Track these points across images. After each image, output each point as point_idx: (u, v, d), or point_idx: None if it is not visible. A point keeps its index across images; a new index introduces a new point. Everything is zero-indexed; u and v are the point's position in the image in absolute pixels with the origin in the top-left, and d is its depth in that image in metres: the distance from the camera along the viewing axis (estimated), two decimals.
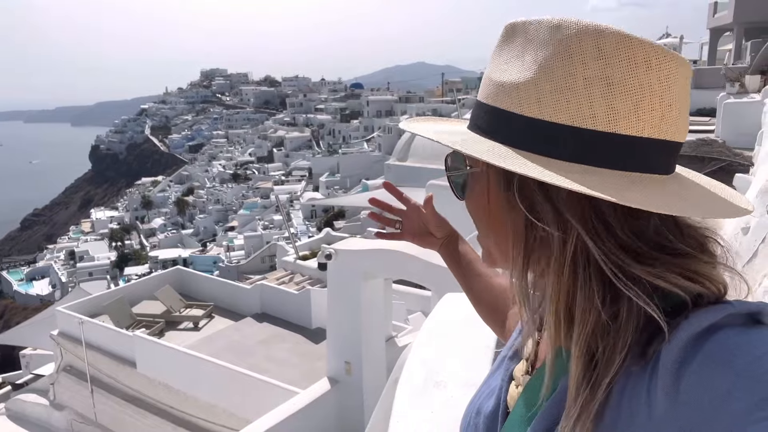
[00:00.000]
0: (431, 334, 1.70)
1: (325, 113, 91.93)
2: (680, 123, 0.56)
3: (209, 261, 43.56)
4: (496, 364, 0.78)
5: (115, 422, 11.50)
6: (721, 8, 22.18)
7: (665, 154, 0.56)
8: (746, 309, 0.48)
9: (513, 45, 0.60)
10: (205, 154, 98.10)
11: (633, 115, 0.53)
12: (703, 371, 0.45)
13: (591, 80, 0.53)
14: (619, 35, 0.53)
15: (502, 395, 0.70)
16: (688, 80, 0.56)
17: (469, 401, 0.78)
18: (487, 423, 0.70)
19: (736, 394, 0.43)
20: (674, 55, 0.54)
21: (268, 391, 8.56)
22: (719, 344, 0.46)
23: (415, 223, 1.08)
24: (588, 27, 0.54)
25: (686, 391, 0.45)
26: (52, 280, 56.79)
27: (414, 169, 12.72)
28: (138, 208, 78.68)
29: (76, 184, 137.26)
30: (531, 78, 0.56)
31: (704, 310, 0.49)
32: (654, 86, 0.53)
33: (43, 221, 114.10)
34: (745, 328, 0.47)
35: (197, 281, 14.74)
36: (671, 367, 0.47)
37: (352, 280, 5.93)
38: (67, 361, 12.52)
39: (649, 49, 0.53)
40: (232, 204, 65.46)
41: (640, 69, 0.52)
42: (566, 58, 0.54)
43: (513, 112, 0.57)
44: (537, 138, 0.55)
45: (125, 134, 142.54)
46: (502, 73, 0.59)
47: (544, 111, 0.54)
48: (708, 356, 0.46)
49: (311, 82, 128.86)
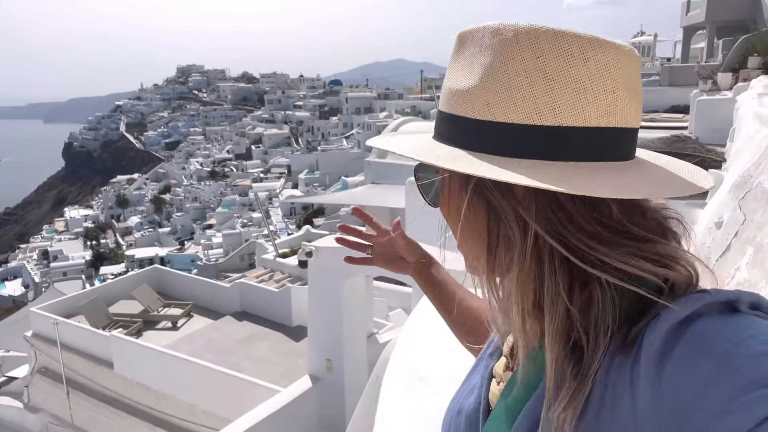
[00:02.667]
0: (415, 330, 1.70)
1: (304, 110, 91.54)
2: (630, 109, 0.57)
3: (187, 260, 43.09)
4: (476, 362, 0.79)
5: (91, 424, 11.32)
6: (694, 7, 22.58)
7: (618, 140, 0.57)
8: (724, 297, 0.49)
9: (464, 53, 0.62)
10: (182, 152, 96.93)
11: (576, 107, 0.54)
12: (684, 360, 0.46)
13: (531, 78, 0.55)
14: (553, 32, 0.55)
15: (482, 393, 0.70)
16: (634, 66, 0.58)
17: (450, 400, 0.78)
18: (469, 421, 0.70)
19: (716, 381, 0.44)
20: (611, 44, 0.55)
21: (249, 390, 8.51)
22: (699, 333, 0.47)
23: (385, 248, 1.08)
24: (524, 28, 0.56)
25: (668, 380, 0.46)
26: (24, 280, 55.57)
27: (393, 166, 12.70)
28: (113, 206, 77.44)
29: (48, 182, 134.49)
30: (478, 83, 0.58)
31: (684, 300, 0.50)
32: (593, 76, 0.54)
33: (15, 220, 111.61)
34: (724, 316, 0.48)
35: (175, 280, 14.57)
36: (653, 356, 0.48)
37: (333, 277, 5.92)
38: (42, 362, 12.29)
39: (584, 41, 0.55)
40: (210, 202, 64.85)
41: (576, 61, 0.54)
42: (507, 59, 0.56)
43: (466, 117, 0.59)
44: (490, 139, 0.57)
45: (99, 131, 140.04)
46: (455, 81, 0.62)
47: (494, 112, 0.57)
48: (688, 345, 0.47)
49: (289, 79, 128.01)
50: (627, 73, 0.56)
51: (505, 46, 0.56)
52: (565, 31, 0.55)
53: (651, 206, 0.58)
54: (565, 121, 0.55)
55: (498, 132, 0.57)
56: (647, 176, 0.58)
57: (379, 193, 12.72)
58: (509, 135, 0.56)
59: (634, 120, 0.58)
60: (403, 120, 14.42)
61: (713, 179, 0.59)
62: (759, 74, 10.37)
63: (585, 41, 0.54)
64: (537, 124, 0.55)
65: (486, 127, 0.57)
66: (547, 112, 0.55)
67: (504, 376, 0.69)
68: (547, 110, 0.55)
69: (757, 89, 7.12)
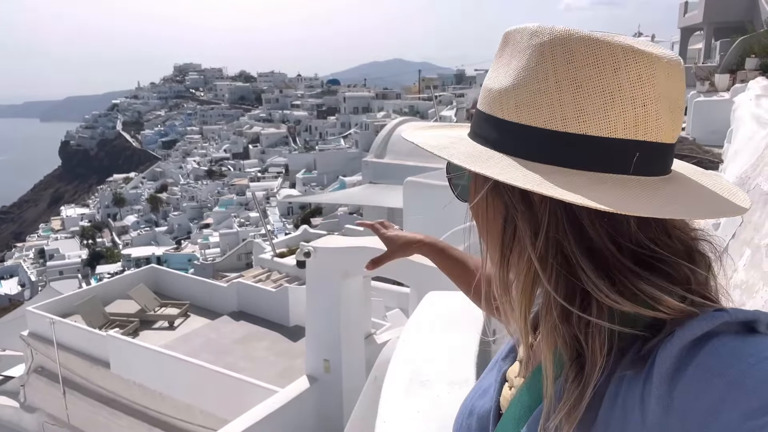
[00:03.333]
0: (415, 333, 1.70)
1: (302, 109, 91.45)
2: (663, 123, 0.55)
3: (184, 259, 42.98)
4: (491, 365, 0.78)
5: (88, 424, 11.29)
6: (692, 8, 22.64)
7: (648, 155, 0.55)
8: (742, 317, 0.48)
9: (505, 53, 0.62)
10: (179, 151, 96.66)
11: (602, 117, 0.53)
12: (697, 379, 0.45)
13: (561, 84, 0.54)
14: (588, 39, 0.54)
15: (494, 396, 0.70)
16: (675, 78, 0.55)
17: (463, 401, 0.78)
18: (480, 423, 0.70)
19: (728, 402, 0.43)
20: (648, 55, 0.54)
21: (246, 390, 8.49)
22: (713, 352, 0.46)
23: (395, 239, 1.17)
24: (559, 32, 0.55)
25: (680, 399, 0.45)
26: (21, 279, 55.41)
27: (391, 166, 12.71)
28: (110, 205, 77.23)
29: (45, 180, 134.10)
30: (511, 84, 0.58)
31: (699, 318, 0.49)
32: (624, 87, 0.53)
33: (11, 219, 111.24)
34: (740, 336, 0.47)
35: (172, 280, 14.53)
36: (665, 374, 0.47)
37: (330, 277, 5.91)
38: (38, 362, 12.24)
39: (617, 50, 0.53)
40: (207, 201, 64.71)
41: (607, 71, 0.53)
42: (540, 63, 0.56)
43: (497, 117, 0.59)
44: (515, 141, 0.57)
45: (96, 130, 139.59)
46: (493, 80, 0.61)
47: (521, 115, 0.57)
48: (702, 364, 0.46)
49: (287, 78, 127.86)
50: (665, 86, 0.54)
51: (539, 49, 0.56)
52: (599, 38, 0.54)
53: (677, 225, 0.56)
54: (589, 130, 0.54)
55: (523, 135, 0.57)
56: (682, 194, 0.56)
57: (376, 192, 12.73)
58: (532, 138, 0.56)
59: (668, 135, 0.56)
60: (401, 120, 14.43)
61: (750, 201, 0.57)
62: (756, 75, 10.40)
63: (619, 50, 0.53)
64: (560, 131, 0.54)
65: (512, 129, 0.57)
66: (572, 120, 0.54)
67: (516, 382, 0.68)
68: (572, 118, 0.54)
69: (754, 90, 7.15)
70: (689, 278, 0.54)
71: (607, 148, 0.54)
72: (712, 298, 0.54)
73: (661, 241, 0.54)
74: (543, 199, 0.55)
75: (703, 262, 0.56)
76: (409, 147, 13.36)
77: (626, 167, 0.55)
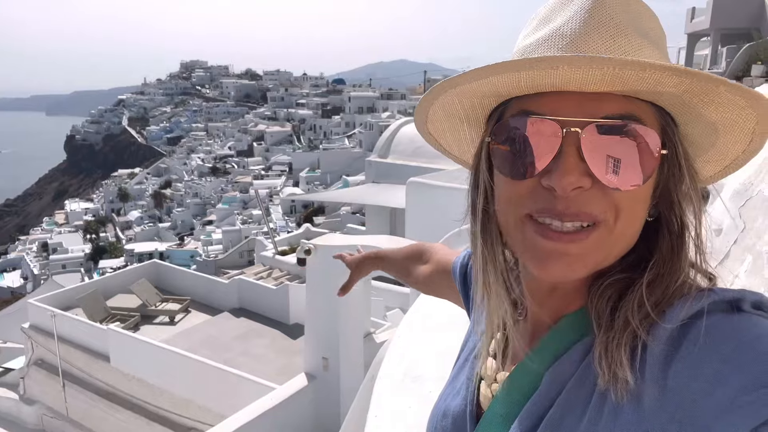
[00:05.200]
0: (410, 330, 1.70)
1: (307, 108, 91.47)
2: None
3: (186, 255, 43.01)
4: (459, 365, 0.77)
5: (87, 417, 11.32)
6: (699, 14, 22.57)
7: None
8: (729, 296, 0.49)
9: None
10: (184, 147, 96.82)
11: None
12: (691, 358, 0.46)
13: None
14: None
15: (468, 395, 0.69)
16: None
17: (434, 404, 0.76)
18: (456, 424, 0.69)
19: (722, 379, 0.44)
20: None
21: (245, 387, 8.51)
22: (704, 331, 0.47)
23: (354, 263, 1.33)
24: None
25: (674, 378, 0.46)
26: (23, 272, 55.58)
27: (395, 166, 12.71)
28: (114, 200, 77.39)
29: (50, 174, 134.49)
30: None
31: (689, 297, 0.50)
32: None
33: (15, 212, 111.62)
34: (729, 315, 0.48)
35: (174, 275, 14.57)
36: (659, 354, 0.48)
37: (331, 275, 5.91)
38: (38, 354, 12.28)
39: None
40: (211, 198, 64.78)
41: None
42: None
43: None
44: None
45: (102, 125, 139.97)
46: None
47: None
48: (694, 343, 0.47)
49: (293, 77, 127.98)
50: None
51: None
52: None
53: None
54: None
55: None
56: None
57: (379, 192, 12.73)
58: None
59: None
60: (405, 120, 14.42)
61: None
62: (762, 82, 10.37)
63: None
64: None
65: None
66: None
67: (499, 377, 0.67)
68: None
69: None
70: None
71: None
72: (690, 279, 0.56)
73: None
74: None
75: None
76: (413, 147, 13.34)
77: None
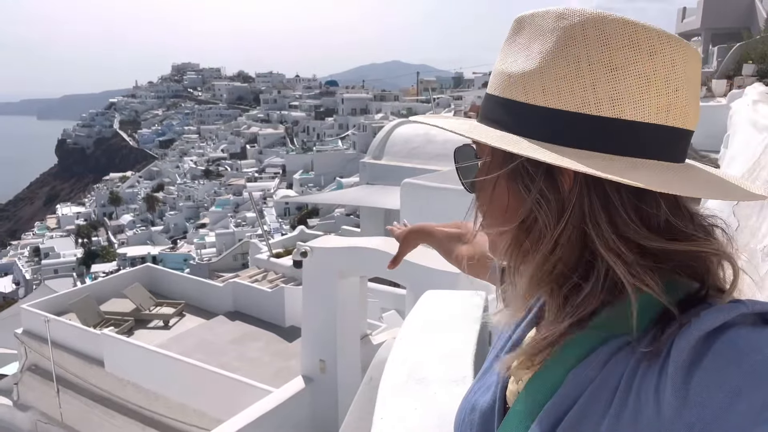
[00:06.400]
0: (412, 331, 1.70)
1: (300, 110, 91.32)
2: (689, 110, 0.56)
3: (180, 258, 42.83)
4: (491, 359, 0.77)
5: (81, 422, 11.24)
6: (689, 14, 22.74)
7: (674, 141, 0.56)
8: (759, 309, 0.48)
9: (521, 36, 0.60)
10: (176, 150, 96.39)
11: (638, 101, 0.53)
12: (713, 370, 0.45)
13: (595, 67, 0.53)
14: (623, 21, 0.53)
15: (498, 391, 0.69)
16: (697, 67, 0.56)
17: (464, 398, 0.77)
18: (483, 419, 0.69)
19: (745, 393, 0.43)
20: (680, 41, 0.54)
21: (241, 390, 8.47)
22: (730, 343, 0.46)
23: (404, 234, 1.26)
24: (591, 14, 0.54)
25: (696, 390, 0.45)
26: (15, 277, 55.14)
27: (389, 167, 12.72)
28: (106, 204, 76.93)
29: (41, 178, 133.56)
30: (536, 67, 0.56)
31: (716, 308, 0.49)
32: (659, 72, 0.53)
33: (6, 216, 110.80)
34: (757, 328, 0.47)
35: (168, 279, 14.50)
36: (681, 365, 0.47)
37: (327, 277, 5.91)
38: (32, 360, 12.20)
39: (653, 34, 0.53)
40: (204, 201, 64.53)
41: (644, 54, 0.53)
42: (570, 45, 0.54)
43: (520, 102, 0.57)
44: (543, 125, 0.56)
45: (93, 128, 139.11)
46: (510, 64, 0.59)
47: (549, 99, 0.55)
48: (718, 355, 0.46)
49: (285, 79, 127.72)
50: (691, 73, 0.55)
51: (568, 32, 0.54)
52: (635, 21, 0.53)
53: (697, 211, 0.57)
54: (623, 115, 0.53)
55: (551, 119, 0.55)
56: (706, 179, 0.57)
57: (373, 193, 12.73)
58: (562, 122, 0.54)
59: (692, 121, 0.56)
60: (399, 122, 14.43)
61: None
62: (753, 81, 10.45)
63: (654, 34, 0.53)
64: (594, 114, 0.53)
65: (538, 113, 0.56)
66: (606, 104, 0.53)
67: (524, 376, 0.66)
68: (607, 101, 0.53)
69: (751, 96, 7.17)
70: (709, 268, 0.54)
71: (640, 132, 0.54)
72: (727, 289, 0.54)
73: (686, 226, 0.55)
74: (573, 186, 0.54)
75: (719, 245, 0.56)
76: (407, 149, 13.37)
77: (658, 152, 0.55)
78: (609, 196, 0.53)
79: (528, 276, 0.60)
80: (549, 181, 0.56)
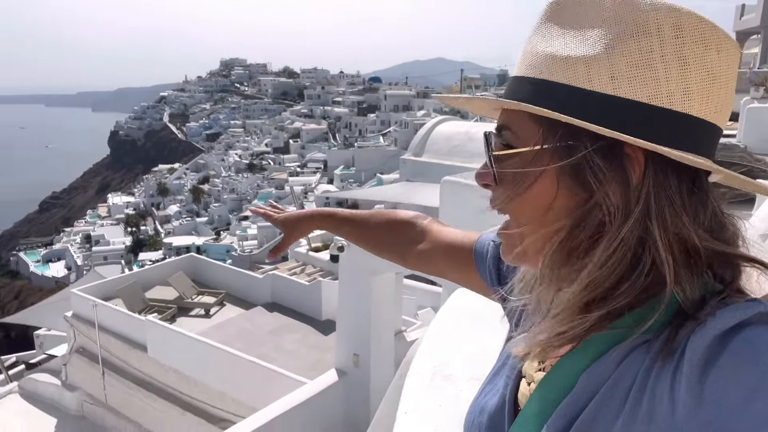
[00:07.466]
0: (440, 328, 1.69)
1: (343, 106, 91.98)
2: (729, 111, 0.56)
3: (222, 249, 43.89)
4: (501, 361, 0.76)
5: (124, 405, 11.66)
6: (749, 11, 21.81)
7: (717, 141, 0.56)
8: None
9: (569, 16, 0.57)
10: (222, 143, 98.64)
11: (705, 97, 0.53)
12: (729, 368, 0.45)
13: (667, 58, 0.52)
14: (696, 16, 0.53)
15: (507, 393, 0.68)
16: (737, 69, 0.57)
17: (473, 400, 0.76)
18: (493, 421, 0.68)
19: (761, 392, 0.42)
20: (734, 41, 0.54)
21: (276, 381, 8.62)
22: (747, 342, 0.45)
23: (287, 219, 1.20)
24: (663, 3, 0.53)
25: (711, 389, 0.45)
26: (67, 262, 57.65)
27: (429, 165, 12.67)
28: (154, 194, 79.43)
29: (94, 168, 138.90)
30: (601, 53, 0.54)
31: (733, 307, 0.48)
32: (723, 70, 0.53)
33: (61, 204, 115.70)
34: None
35: (210, 269, 14.86)
36: (697, 364, 0.46)
37: (363, 273, 5.94)
38: (80, 342, 12.70)
39: (720, 32, 0.53)
40: (247, 194, 65.83)
41: (712, 51, 0.52)
42: (642, 33, 0.52)
43: (577, 87, 0.54)
44: (606, 114, 0.53)
45: (144, 121, 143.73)
46: (560, 47, 0.56)
47: (619, 88, 0.53)
48: (735, 354, 0.45)
49: (329, 75, 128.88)
50: (736, 74, 0.55)
51: (642, 20, 0.53)
52: (704, 17, 0.53)
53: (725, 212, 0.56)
54: (692, 110, 0.53)
55: (617, 107, 0.53)
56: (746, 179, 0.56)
57: (412, 190, 12.71)
58: (629, 112, 0.52)
59: (725, 122, 0.56)
60: (441, 119, 14.35)
61: None
62: None
63: (720, 32, 0.53)
64: (666, 107, 0.52)
65: (604, 101, 0.53)
66: (678, 97, 0.52)
67: (536, 376, 0.65)
68: (679, 95, 0.52)
69: None
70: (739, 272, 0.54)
71: (700, 128, 0.54)
72: (746, 290, 0.54)
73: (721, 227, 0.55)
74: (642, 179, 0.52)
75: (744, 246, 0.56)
76: (448, 146, 13.27)
77: (707, 151, 0.54)
78: (674, 191, 0.53)
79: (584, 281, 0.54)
80: (621, 175, 0.53)
